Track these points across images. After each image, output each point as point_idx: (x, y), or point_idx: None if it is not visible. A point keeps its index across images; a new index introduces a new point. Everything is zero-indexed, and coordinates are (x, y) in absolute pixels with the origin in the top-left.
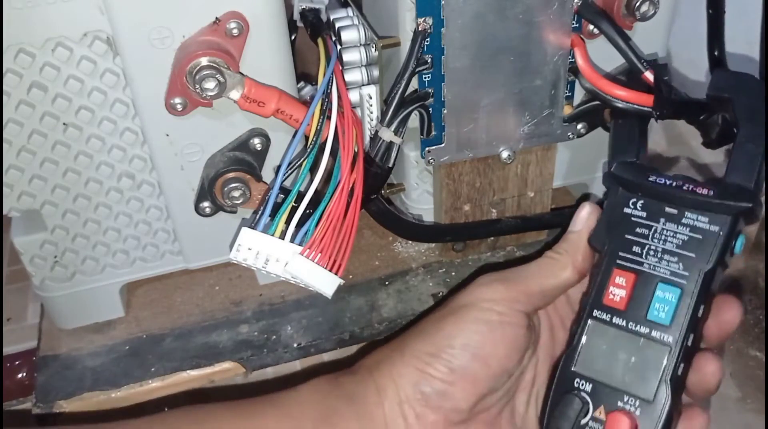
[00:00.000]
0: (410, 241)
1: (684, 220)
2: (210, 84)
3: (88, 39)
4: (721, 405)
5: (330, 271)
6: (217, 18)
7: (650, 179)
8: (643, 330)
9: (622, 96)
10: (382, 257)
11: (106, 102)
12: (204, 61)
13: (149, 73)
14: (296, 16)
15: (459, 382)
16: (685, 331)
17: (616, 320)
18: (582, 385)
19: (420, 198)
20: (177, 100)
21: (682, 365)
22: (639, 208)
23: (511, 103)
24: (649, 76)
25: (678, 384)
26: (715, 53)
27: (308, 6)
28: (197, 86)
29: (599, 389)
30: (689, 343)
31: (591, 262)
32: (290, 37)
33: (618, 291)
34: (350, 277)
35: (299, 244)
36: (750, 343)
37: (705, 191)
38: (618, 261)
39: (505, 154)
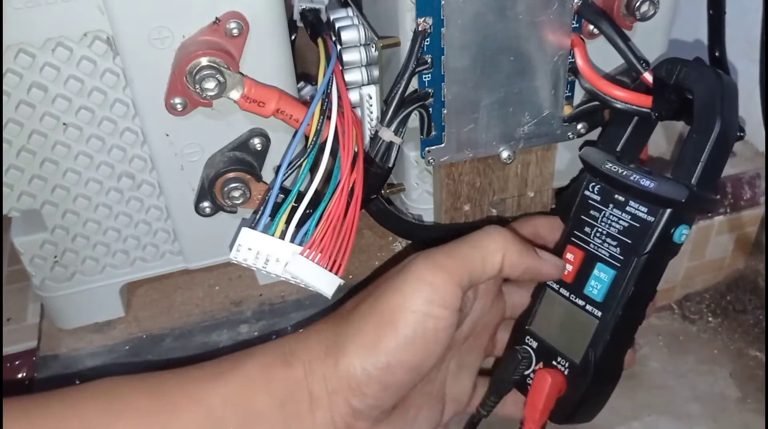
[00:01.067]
0: (410, 241)
1: (627, 208)
2: (210, 84)
3: (88, 39)
4: (721, 405)
5: (330, 271)
6: (217, 18)
7: (606, 166)
8: (580, 302)
9: (621, 97)
10: (382, 257)
11: (106, 102)
12: (204, 61)
13: (149, 73)
14: (296, 16)
15: (389, 395)
16: (614, 308)
17: (562, 291)
18: (530, 342)
19: (420, 198)
20: (177, 100)
21: (609, 337)
22: (595, 192)
23: (511, 103)
24: (648, 77)
25: (606, 353)
26: (716, 53)
27: (308, 6)
28: (197, 86)
29: (542, 348)
30: (617, 320)
31: (527, 264)
32: (290, 37)
33: (568, 265)
34: (350, 277)
35: (299, 244)
36: (750, 343)
37: (647, 183)
38: (572, 238)
39: (505, 154)
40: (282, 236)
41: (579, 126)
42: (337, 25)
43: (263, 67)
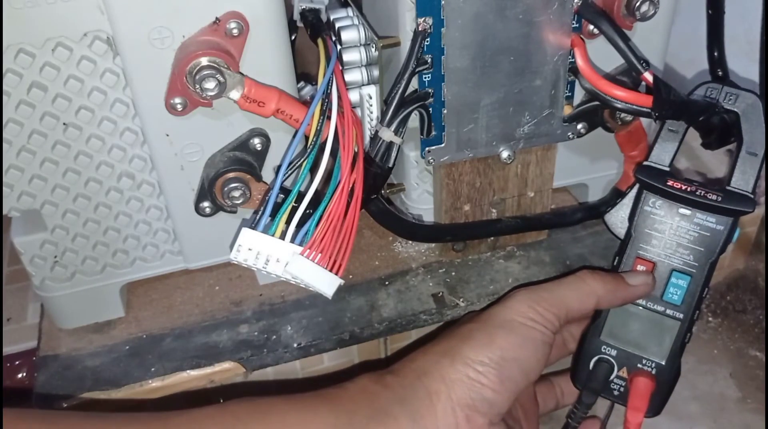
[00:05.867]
0: (410, 241)
1: (695, 220)
2: (210, 84)
3: (88, 39)
4: (721, 405)
5: (330, 271)
6: (217, 18)
7: (668, 184)
8: (659, 308)
9: (621, 97)
10: (382, 257)
11: (106, 102)
12: (204, 61)
13: (149, 73)
14: (296, 16)
15: (506, 391)
16: (693, 308)
17: (637, 300)
18: (607, 350)
19: (420, 198)
20: (177, 100)
21: (689, 334)
22: (658, 208)
23: (511, 103)
24: (648, 76)
25: (684, 348)
26: (715, 53)
27: (308, 6)
28: (197, 86)
29: (622, 354)
30: (695, 318)
31: (613, 303)
32: (290, 37)
33: None
34: (350, 277)
35: (299, 245)
36: (750, 343)
37: (714, 197)
38: (639, 251)
39: (505, 154)
40: (282, 236)
41: (579, 126)
42: (337, 25)
43: (263, 67)
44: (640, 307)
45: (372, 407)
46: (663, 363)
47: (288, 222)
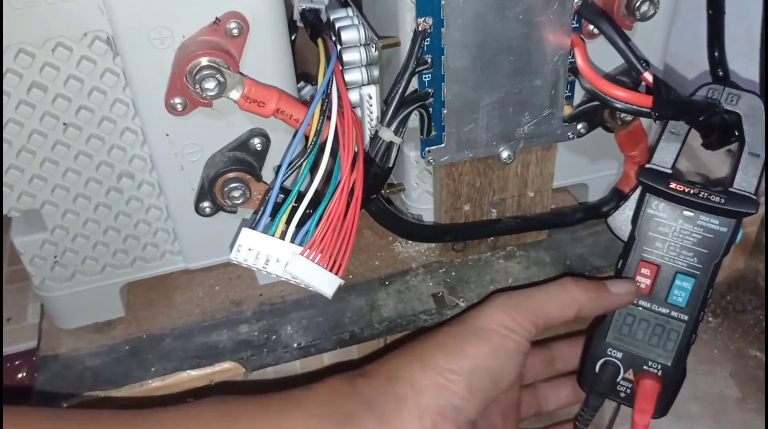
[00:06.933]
0: (410, 241)
1: (699, 222)
2: (210, 84)
3: (88, 39)
4: (721, 405)
5: (330, 271)
6: (217, 18)
7: (671, 186)
8: (664, 310)
9: (621, 97)
10: (382, 257)
11: (106, 102)
12: (204, 61)
13: (149, 73)
14: (296, 16)
15: (475, 400)
16: (698, 310)
17: (641, 302)
18: (613, 353)
19: (420, 198)
20: (177, 100)
21: (693, 335)
22: (661, 210)
23: (511, 103)
24: (648, 76)
25: (689, 349)
26: (715, 54)
27: (308, 6)
28: (197, 86)
29: (628, 356)
30: (700, 319)
31: (595, 311)
32: (290, 37)
33: (643, 279)
34: (350, 277)
35: (299, 245)
36: (750, 343)
37: (717, 199)
38: (643, 254)
39: (505, 154)
40: (282, 236)
41: (579, 126)
42: (337, 25)
43: (263, 67)
44: (645, 310)
45: (341, 411)
46: (669, 364)
47: (288, 222)
